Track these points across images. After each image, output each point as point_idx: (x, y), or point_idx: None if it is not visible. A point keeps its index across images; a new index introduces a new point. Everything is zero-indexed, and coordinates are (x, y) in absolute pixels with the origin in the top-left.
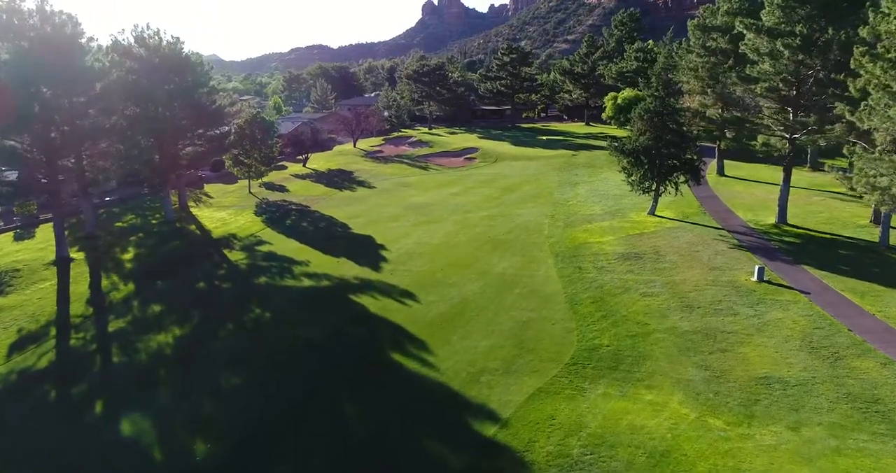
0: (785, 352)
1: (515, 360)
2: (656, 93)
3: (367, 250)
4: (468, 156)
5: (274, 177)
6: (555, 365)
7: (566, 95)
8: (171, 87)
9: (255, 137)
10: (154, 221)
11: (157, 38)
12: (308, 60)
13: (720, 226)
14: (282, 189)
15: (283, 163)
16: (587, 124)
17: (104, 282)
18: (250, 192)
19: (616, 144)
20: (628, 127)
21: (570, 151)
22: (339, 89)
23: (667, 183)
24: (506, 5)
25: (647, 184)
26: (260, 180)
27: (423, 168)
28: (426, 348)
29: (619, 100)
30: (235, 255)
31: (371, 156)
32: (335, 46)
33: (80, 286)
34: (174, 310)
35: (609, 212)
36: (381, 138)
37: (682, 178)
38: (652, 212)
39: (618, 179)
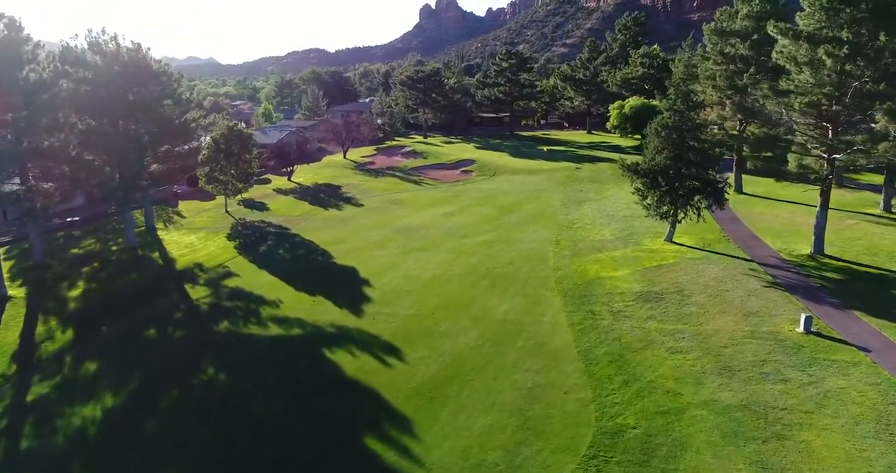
0: (858, 441)
1: (520, 449)
2: (675, 107)
3: (348, 286)
4: (464, 168)
5: (255, 192)
6: (570, 456)
7: (567, 102)
8: (133, 99)
9: (231, 152)
10: (115, 247)
11: (114, 43)
12: (305, 64)
13: (748, 258)
14: (262, 207)
15: (268, 175)
16: (589, 132)
17: (39, 328)
18: (227, 211)
19: (629, 164)
20: (633, 136)
21: (574, 164)
22: (333, 95)
23: (688, 208)
24: (503, 9)
25: (664, 208)
26: (240, 196)
27: (416, 182)
28: (409, 429)
29: (625, 109)
30: (198, 292)
31: (361, 168)
32: (332, 50)
33: (9, 334)
34: (112, 370)
35: (621, 237)
36: (374, 147)
37: (704, 203)
38: (669, 239)
39: (627, 197)
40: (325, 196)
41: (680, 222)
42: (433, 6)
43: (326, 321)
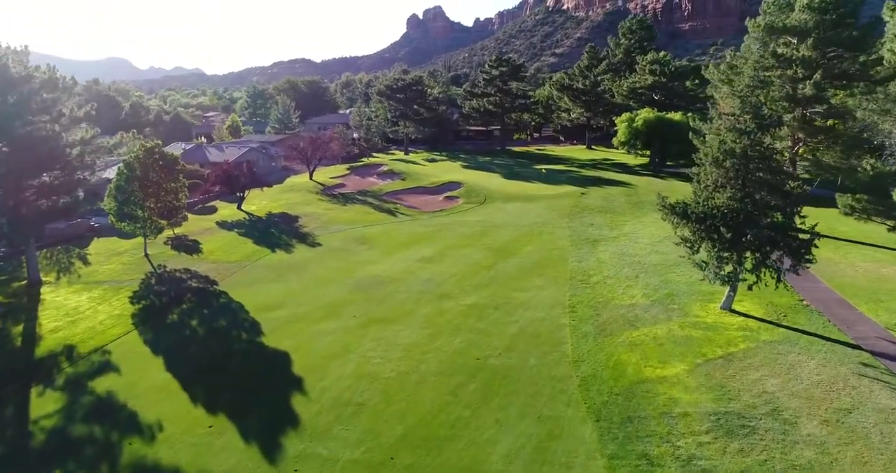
0: None
1: None
2: (744, 126)
3: (271, 394)
4: (449, 193)
5: (193, 226)
6: None
7: (564, 115)
8: None
9: (149, 180)
10: None
11: None
12: (290, 74)
13: (851, 341)
14: (194, 248)
15: (217, 202)
16: (589, 148)
17: None
18: (146, 255)
19: (673, 205)
20: (642, 153)
21: (578, 188)
22: (311, 106)
23: (763, 269)
24: (491, 19)
25: (727, 269)
26: (172, 231)
27: (391, 211)
28: None
29: (636, 123)
30: (46, 401)
31: (328, 192)
32: (318, 60)
33: None
34: None
35: (658, 300)
36: (347, 166)
37: (783, 262)
38: (727, 307)
39: (650, 233)
40: (277, 231)
41: (750, 288)
42: (420, 16)
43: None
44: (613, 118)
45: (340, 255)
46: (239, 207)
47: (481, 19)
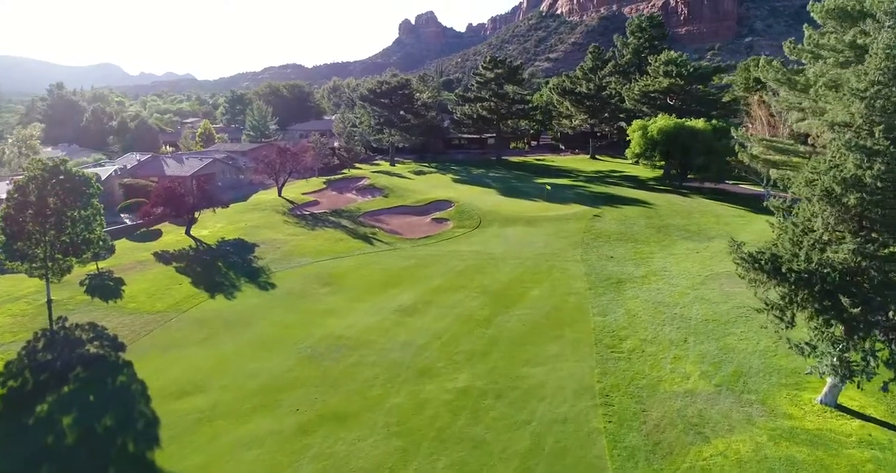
0: None
1: None
2: (877, 145)
3: None
4: (437, 214)
5: (125, 257)
6: None
7: (566, 122)
8: None
9: (46, 207)
10: None
11: None
12: (281, 79)
13: None
14: (113, 290)
15: (164, 225)
16: (592, 158)
17: None
18: (48, 301)
19: (754, 254)
20: (656, 163)
21: (589, 208)
22: (293, 112)
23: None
24: (483, 24)
25: (854, 356)
26: (95, 266)
27: (367, 238)
28: None
29: (651, 132)
30: None
31: (298, 212)
32: (309, 66)
33: None
34: None
35: (725, 383)
36: (324, 179)
37: None
38: (832, 403)
39: (685, 270)
40: (225, 266)
41: (869, 379)
42: (412, 21)
43: None
44: (621, 125)
45: (296, 303)
46: (187, 232)
47: (474, 25)
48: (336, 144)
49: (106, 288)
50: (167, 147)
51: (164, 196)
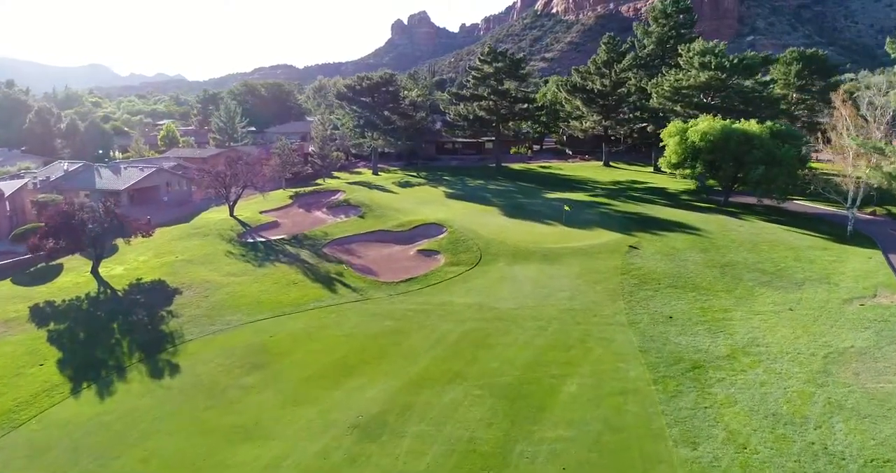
0: None
1: None
2: None
3: None
4: (424, 245)
5: None
6: None
7: (576, 123)
8: None
9: None
10: None
11: None
12: (272, 80)
13: None
14: None
15: (67, 259)
16: (606, 165)
17: None
18: None
19: None
20: (687, 172)
21: (621, 235)
22: (272, 113)
23: None
24: (477, 25)
25: None
26: None
27: (329, 282)
28: None
29: (690, 137)
30: None
31: (249, 238)
32: (301, 66)
33: None
34: None
35: None
36: (292, 192)
37: None
38: None
39: (787, 340)
40: (122, 330)
41: None
42: (405, 22)
43: None
44: (644, 127)
45: (199, 409)
46: (93, 271)
47: (467, 25)
48: (311, 149)
49: None
50: (116, 152)
51: (57, 222)
